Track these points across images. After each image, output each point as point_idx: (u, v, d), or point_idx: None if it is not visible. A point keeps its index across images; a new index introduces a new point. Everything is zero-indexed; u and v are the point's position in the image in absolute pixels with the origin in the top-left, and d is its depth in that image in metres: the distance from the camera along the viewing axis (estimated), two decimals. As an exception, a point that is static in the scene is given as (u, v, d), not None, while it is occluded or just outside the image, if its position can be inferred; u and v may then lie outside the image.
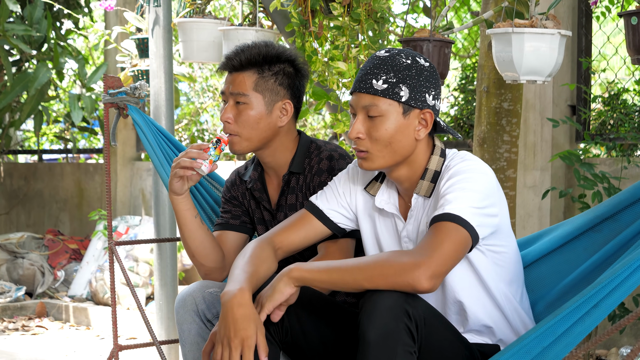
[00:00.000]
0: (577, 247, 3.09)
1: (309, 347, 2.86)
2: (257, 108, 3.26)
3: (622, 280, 2.56)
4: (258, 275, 2.82)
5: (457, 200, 2.66)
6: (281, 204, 3.37)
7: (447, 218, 2.64)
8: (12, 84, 7.88)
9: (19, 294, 7.68)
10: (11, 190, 9.62)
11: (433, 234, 2.64)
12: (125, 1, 8.12)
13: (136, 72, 5.94)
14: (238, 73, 3.28)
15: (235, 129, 3.26)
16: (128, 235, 7.59)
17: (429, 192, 2.83)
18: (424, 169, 2.84)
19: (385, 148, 2.79)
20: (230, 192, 3.50)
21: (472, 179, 2.71)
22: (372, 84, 2.78)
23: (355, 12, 3.98)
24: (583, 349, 2.59)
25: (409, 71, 2.77)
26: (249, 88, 3.25)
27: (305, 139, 3.39)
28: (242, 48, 3.30)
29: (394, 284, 2.56)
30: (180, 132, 9.55)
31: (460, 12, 8.49)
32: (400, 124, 2.77)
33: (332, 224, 3.04)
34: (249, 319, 2.65)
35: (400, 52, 2.81)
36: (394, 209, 2.93)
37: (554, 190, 5.25)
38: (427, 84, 2.79)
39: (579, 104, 5.84)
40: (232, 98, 3.27)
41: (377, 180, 2.98)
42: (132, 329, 6.67)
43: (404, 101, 2.76)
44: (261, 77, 3.26)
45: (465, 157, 2.81)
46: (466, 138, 6.78)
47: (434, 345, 2.62)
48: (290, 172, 3.33)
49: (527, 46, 3.48)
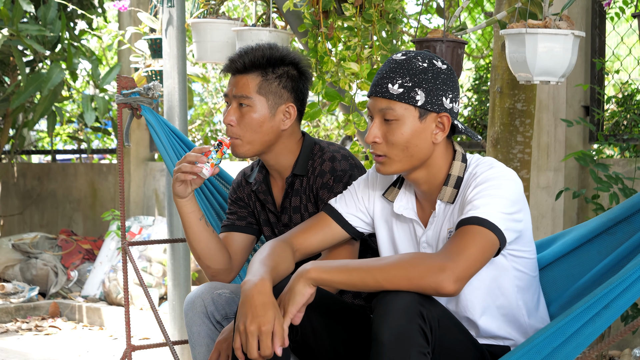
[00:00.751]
0: (591, 250, 3.08)
1: (319, 347, 2.86)
2: (261, 111, 3.23)
3: (633, 280, 2.55)
4: (277, 270, 2.82)
5: (485, 206, 2.65)
6: (285, 206, 3.36)
7: (474, 222, 2.64)
8: (26, 84, 7.89)
9: (32, 294, 7.70)
10: (25, 191, 9.65)
11: (459, 237, 2.63)
12: (139, 1, 8.13)
13: (150, 73, 5.95)
14: (242, 75, 3.26)
15: (238, 131, 3.24)
16: (141, 236, 7.60)
17: (452, 198, 2.82)
18: (447, 175, 2.83)
19: (402, 152, 2.78)
20: (236, 193, 3.49)
21: (501, 185, 2.70)
22: (387, 88, 2.77)
23: (368, 12, 3.98)
24: (596, 349, 2.58)
25: (425, 75, 2.76)
26: (253, 91, 3.23)
27: (309, 140, 3.37)
28: (245, 50, 3.28)
29: (417, 286, 2.55)
30: (193, 133, 9.57)
31: (473, 12, 8.48)
32: (416, 128, 2.76)
33: (350, 228, 3.04)
34: (267, 307, 2.64)
35: (417, 55, 2.80)
36: (413, 215, 2.92)
37: (567, 191, 5.24)
38: (444, 87, 2.77)
39: (592, 105, 5.83)
40: (235, 100, 3.25)
41: (395, 186, 2.98)
42: (145, 329, 6.68)
43: (420, 105, 2.75)
44: (265, 79, 3.24)
45: (493, 164, 2.79)
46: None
47: (446, 347, 2.61)
48: (294, 175, 3.32)
49: (541, 47, 3.47)
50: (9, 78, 8.76)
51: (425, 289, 2.55)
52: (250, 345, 2.62)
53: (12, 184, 9.74)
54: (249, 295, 2.66)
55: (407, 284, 2.56)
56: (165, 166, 4.98)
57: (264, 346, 2.62)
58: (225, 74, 3.35)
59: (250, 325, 2.63)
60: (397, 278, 2.57)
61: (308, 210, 3.31)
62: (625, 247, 2.92)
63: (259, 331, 2.62)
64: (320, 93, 4.21)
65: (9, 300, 7.65)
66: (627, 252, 2.91)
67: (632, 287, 2.55)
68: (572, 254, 3.13)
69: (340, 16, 4.05)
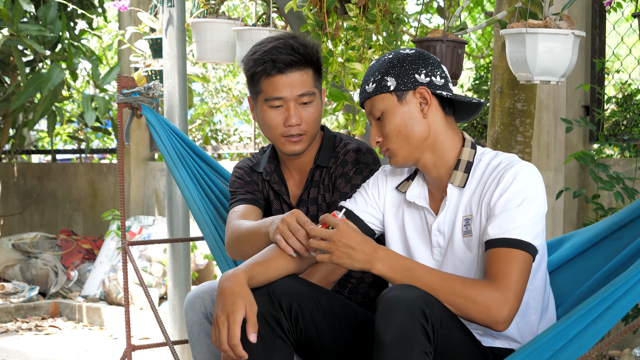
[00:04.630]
0: (597, 255, 3.09)
1: (322, 347, 2.86)
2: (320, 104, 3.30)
3: (635, 282, 2.55)
4: (264, 267, 2.82)
5: (516, 220, 2.69)
6: (303, 198, 3.34)
7: (514, 245, 2.68)
8: (26, 84, 7.90)
9: (32, 294, 7.70)
10: (25, 190, 9.65)
11: (505, 267, 2.67)
12: (139, 1, 8.13)
13: (150, 72, 5.95)
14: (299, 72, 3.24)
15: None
16: (141, 236, 7.60)
17: (462, 182, 2.84)
18: (456, 160, 2.87)
19: (399, 140, 2.84)
20: (250, 176, 3.42)
21: (528, 190, 2.73)
22: (365, 89, 2.89)
23: (371, 12, 3.98)
24: (596, 349, 2.58)
25: (390, 63, 2.85)
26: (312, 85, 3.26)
27: (329, 133, 3.38)
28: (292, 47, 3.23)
29: (468, 317, 2.65)
30: (193, 132, 9.57)
31: (474, 12, 8.49)
32: (401, 111, 2.83)
33: (362, 224, 3.04)
34: (236, 295, 2.67)
35: (387, 54, 2.90)
36: (424, 202, 2.94)
37: (567, 191, 5.24)
38: (413, 66, 2.84)
39: (592, 105, 5.82)
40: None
41: (409, 179, 3.01)
42: (145, 329, 6.68)
43: (393, 89, 2.83)
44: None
45: (512, 159, 2.82)
46: (480, 138, 6.77)
47: (449, 348, 2.61)
48: (317, 166, 3.31)
49: (541, 46, 3.47)
50: (9, 78, 8.77)
51: (477, 322, 2.65)
52: (220, 335, 2.65)
53: (12, 183, 9.74)
54: (221, 286, 2.71)
55: (457, 311, 2.65)
56: (165, 166, 4.98)
57: (231, 334, 2.64)
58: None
59: (220, 315, 2.66)
60: (450, 299, 2.64)
61: (325, 200, 3.30)
62: (629, 250, 2.92)
63: (228, 320, 2.64)
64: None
65: (9, 300, 7.65)
66: (630, 255, 2.91)
67: (634, 289, 2.55)
68: (578, 258, 3.14)
69: (343, 16, 4.05)
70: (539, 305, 2.88)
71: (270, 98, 3.21)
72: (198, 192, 3.86)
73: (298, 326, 2.81)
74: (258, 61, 3.20)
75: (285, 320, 2.78)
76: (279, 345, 2.76)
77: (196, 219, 3.81)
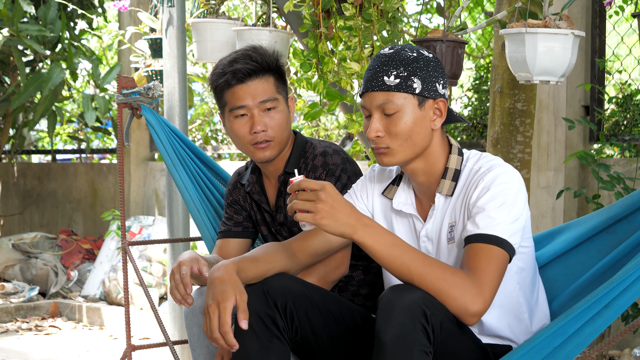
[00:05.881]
0: (591, 248, 3.09)
1: (319, 346, 2.86)
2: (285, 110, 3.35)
3: (633, 280, 2.56)
4: (253, 261, 2.83)
5: (494, 220, 2.68)
6: (279, 205, 3.38)
7: (492, 241, 2.67)
8: (26, 84, 7.90)
9: (32, 294, 7.70)
10: (25, 190, 9.65)
11: (483, 264, 2.65)
12: (139, 1, 8.13)
13: (150, 73, 5.95)
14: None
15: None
16: (141, 236, 7.60)
17: (450, 191, 2.84)
18: (444, 168, 2.86)
19: (405, 142, 2.79)
20: (231, 195, 3.52)
21: (508, 192, 2.72)
22: (384, 80, 2.78)
23: (367, 12, 3.98)
24: (596, 349, 2.58)
25: (417, 63, 2.78)
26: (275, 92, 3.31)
27: (301, 138, 3.40)
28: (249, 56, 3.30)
29: (446, 302, 2.60)
30: (193, 133, 9.57)
31: (474, 12, 8.49)
32: (417, 116, 2.78)
33: None
34: (225, 283, 2.67)
35: (403, 47, 2.83)
36: (412, 210, 2.93)
37: (567, 191, 5.24)
38: (435, 73, 2.80)
39: (592, 105, 5.82)
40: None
41: (394, 184, 2.99)
42: (145, 329, 6.68)
43: (418, 93, 2.77)
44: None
45: (493, 163, 2.81)
46: (480, 138, 6.77)
47: (449, 348, 2.61)
48: (286, 173, 3.34)
49: (541, 46, 3.47)
50: (9, 78, 8.76)
51: (452, 309, 2.60)
52: (211, 323, 2.64)
53: (12, 183, 9.74)
54: (211, 277, 2.71)
55: (437, 295, 2.60)
56: (165, 166, 4.98)
57: (222, 321, 2.63)
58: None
59: (211, 304, 2.65)
60: (429, 283, 2.60)
61: None
62: (625, 245, 2.92)
63: (219, 308, 2.63)
64: (322, 93, 4.21)
65: (9, 300, 7.65)
66: (627, 251, 2.92)
67: (633, 287, 2.55)
68: (571, 252, 3.14)
69: (341, 16, 4.05)
70: (529, 303, 2.89)
71: (234, 107, 3.26)
72: (197, 194, 3.86)
73: (294, 325, 2.81)
74: (220, 74, 3.28)
75: (281, 320, 2.78)
76: (275, 345, 2.76)
77: (195, 221, 3.81)
